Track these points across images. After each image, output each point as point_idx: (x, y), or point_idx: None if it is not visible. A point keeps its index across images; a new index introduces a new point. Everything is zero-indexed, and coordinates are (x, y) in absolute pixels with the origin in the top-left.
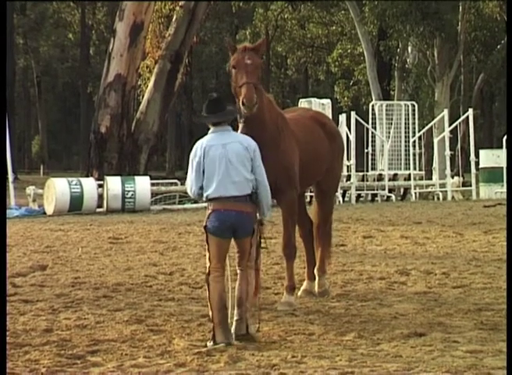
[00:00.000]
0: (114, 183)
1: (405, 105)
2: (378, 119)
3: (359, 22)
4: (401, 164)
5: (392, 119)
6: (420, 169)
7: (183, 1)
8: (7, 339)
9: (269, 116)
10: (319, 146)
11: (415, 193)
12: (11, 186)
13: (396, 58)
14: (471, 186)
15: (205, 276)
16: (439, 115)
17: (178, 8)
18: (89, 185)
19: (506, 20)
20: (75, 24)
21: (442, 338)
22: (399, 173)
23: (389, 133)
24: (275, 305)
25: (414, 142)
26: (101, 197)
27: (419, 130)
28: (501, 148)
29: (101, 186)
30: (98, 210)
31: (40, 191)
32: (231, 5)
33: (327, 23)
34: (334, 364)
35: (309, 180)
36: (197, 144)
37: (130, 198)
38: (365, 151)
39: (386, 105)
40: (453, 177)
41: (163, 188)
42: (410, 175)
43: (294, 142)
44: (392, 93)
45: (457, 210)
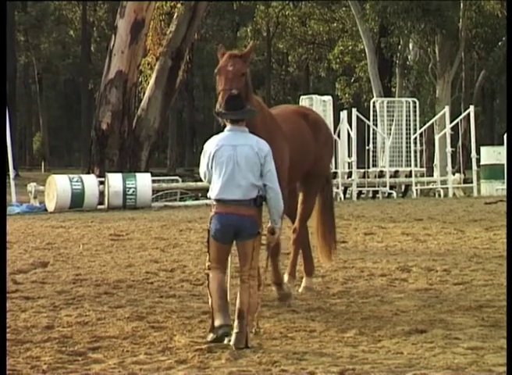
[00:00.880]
0: (115, 180)
1: (406, 101)
2: (379, 116)
3: (360, 19)
4: (402, 161)
5: (393, 116)
6: (421, 166)
7: (184, 1)
8: (8, 336)
9: (260, 120)
10: (305, 139)
11: (416, 190)
12: (12, 183)
13: (397, 55)
14: (472, 183)
15: (205, 272)
16: (440, 112)
17: (179, 6)
18: (90, 182)
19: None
20: (76, 21)
21: (443, 335)
22: (400, 169)
23: (390, 130)
24: (276, 302)
25: (415, 139)
26: (102, 194)
27: (420, 127)
28: (502, 144)
29: (102, 183)
30: (99, 207)
31: (41, 187)
32: (232, 2)
33: (328, 19)
34: (335, 361)
35: (298, 173)
36: (210, 141)
37: (131, 194)
38: (366, 148)
39: (387, 102)
40: (454, 174)
41: (164, 185)
42: (411, 172)
43: (284, 141)
44: (393, 90)
45: (458, 207)
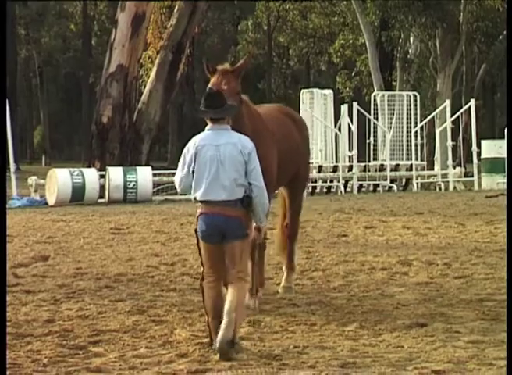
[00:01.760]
0: (116, 174)
1: (407, 95)
2: (380, 109)
3: (361, 12)
4: (403, 154)
5: (394, 110)
6: (422, 160)
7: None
8: (9, 329)
9: (247, 120)
10: (292, 139)
11: (417, 183)
12: (13, 176)
13: (398, 48)
14: (472, 176)
15: (199, 282)
16: (441, 105)
17: None
18: (91, 176)
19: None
20: (77, 15)
21: (443, 329)
22: (401, 163)
23: (390, 123)
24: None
25: (416, 133)
26: (102, 187)
27: (421, 121)
28: (503, 138)
29: (102, 176)
30: (100, 201)
31: (42, 181)
32: None
33: (329, 13)
34: (336, 354)
35: (287, 174)
36: (191, 141)
37: (132, 188)
38: (367, 141)
39: (388, 96)
40: (454, 168)
41: (165, 179)
42: (412, 165)
43: (272, 143)
44: (394, 83)
45: (459, 200)
